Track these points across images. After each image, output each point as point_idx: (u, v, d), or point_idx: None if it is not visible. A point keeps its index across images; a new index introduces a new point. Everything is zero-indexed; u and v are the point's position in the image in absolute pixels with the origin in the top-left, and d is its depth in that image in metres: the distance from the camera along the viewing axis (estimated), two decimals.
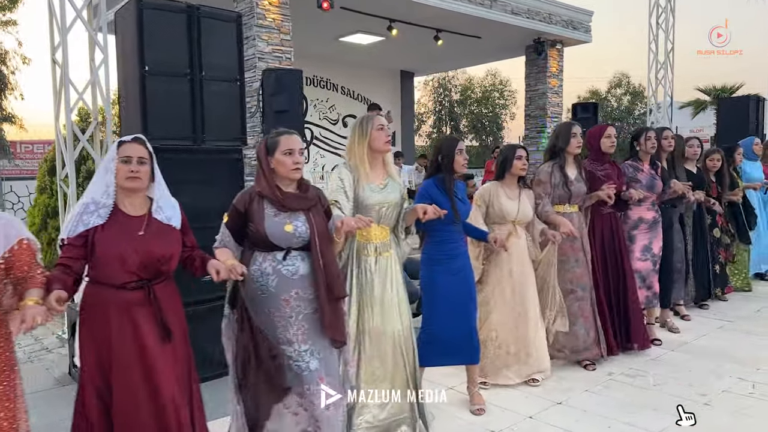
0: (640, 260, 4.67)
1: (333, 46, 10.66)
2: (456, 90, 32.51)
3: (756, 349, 4.57)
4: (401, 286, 3.12)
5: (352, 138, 3.05)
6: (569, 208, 4.17)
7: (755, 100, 11.06)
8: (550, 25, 10.36)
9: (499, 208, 3.82)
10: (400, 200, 3.12)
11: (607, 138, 4.36)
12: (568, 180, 4.12)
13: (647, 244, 4.69)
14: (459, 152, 3.41)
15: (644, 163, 4.69)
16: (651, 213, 4.72)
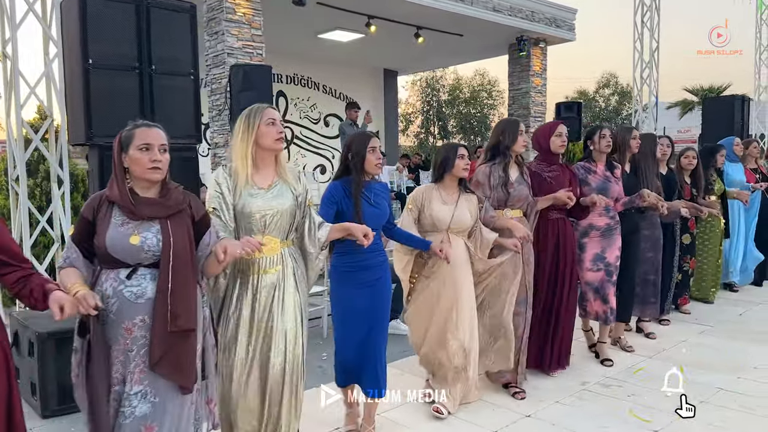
0: (591, 271, 4.21)
1: (312, 43, 10.45)
2: (444, 90, 32.33)
3: (736, 356, 4.40)
4: (292, 309, 2.63)
5: (236, 133, 2.59)
6: (509, 212, 3.72)
7: (740, 99, 10.96)
8: (532, 22, 10.20)
9: (430, 214, 3.41)
10: (293, 207, 2.63)
11: (558, 137, 3.89)
12: (508, 181, 3.68)
13: (599, 252, 4.20)
14: (371, 150, 3.01)
15: (598, 164, 4.23)
16: (604, 219, 4.19)
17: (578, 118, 10.83)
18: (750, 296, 6.22)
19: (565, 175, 3.98)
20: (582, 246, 4.21)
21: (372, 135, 3.11)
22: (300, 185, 2.70)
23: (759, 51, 14.96)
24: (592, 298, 4.27)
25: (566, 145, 3.97)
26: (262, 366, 2.56)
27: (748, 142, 6.63)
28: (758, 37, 14.97)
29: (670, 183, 5.06)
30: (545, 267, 3.91)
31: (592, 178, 4.18)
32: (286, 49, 10.97)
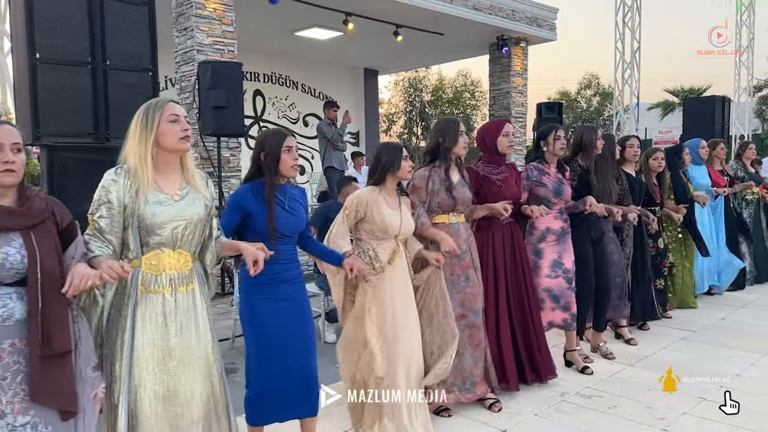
0: (550, 277, 3.99)
1: (290, 41, 10.24)
2: (427, 90, 32.22)
3: (719, 364, 4.27)
4: (208, 331, 2.34)
5: (132, 133, 2.23)
6: (455, 217, 3.45)
7: (721, 100, 10.92)
8: (513, 21, 10.07)
9: (382, 220, 3.07)
10: (205, 216, 2.32)
11: (505, 137, 3.66)
12: (451, 185, 3.40)
13: (557, 258, 3.99)
14: (287, 150, 2.70)
15: (551, 166, 4.03)
16: (559, 222, 4.02)
17: (559, 119, 10.73)
18: (732, 300, 6.11)
19: (513, 176, 3.80)
20: (539, 252, 4.00)
21: (288, 134, 2.81)
22: (208, 191, 2.38)
23: (739, 52, 15.03)
24: (549, 306, 4.03)
25: (513, 145, 3.83)
26: (181, 398, 2.24)
27: (715, 143, 6.46)
28: (738, 38, 15.04)
29: (639, 184, 4.92)
30: (506, 275, 3.72)
31: (546, 180, 3.99)
32: (262, 47, 10.76)
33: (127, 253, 2.21)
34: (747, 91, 15.18)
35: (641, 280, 4.97)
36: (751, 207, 6.74)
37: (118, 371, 2.15)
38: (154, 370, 2.17)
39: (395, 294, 3.12)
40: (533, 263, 3.99)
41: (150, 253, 2.20)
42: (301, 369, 2.75)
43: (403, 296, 3.17)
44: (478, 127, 4.01)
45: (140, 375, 2.16)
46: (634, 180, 4.89)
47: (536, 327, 3.83)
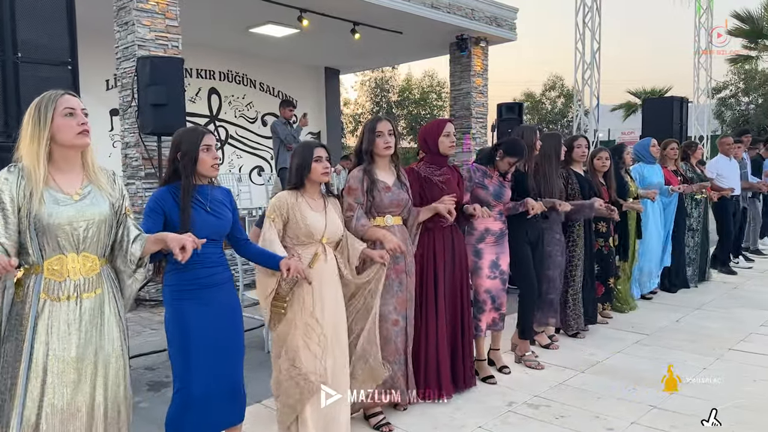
0: (490, 278, 3.98)
1: (245, 38, 9.96)
2: (394, 91, 32.10)
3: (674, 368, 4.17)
4: (117, 339, 2.21)
5: (24, 129, 2.08)
6: (390, 219, 3.35)
7: (679, 101, 10.99)
8: (473, 21, 9.96)
9: (305, 223, 2.94)
10: (110, 216, 2.18)
11: (446, 137, 3.58)
12: (377, 186, 3.30)
13: (494, 259, 3.98)
14: (206, 149, 2.55)
15: (495, 170, 4.01)
16: (498, 224, 4.00)
17: (519, 120, 10.66)
18: (687, 301, 6.06)
19: (455, 177, 3.71)
20: (478, 252, 3.97)
21: (207, 131, 2.63)
22: (116, 189, 2.24)
23: (697, 54, 15.22)
24: (489, 307, 4.03)
25: (455, 146, 3.69)
26: (81, 412, 2.09)
27: (667, 143, 6.46)
28: (696, 40, 15.23)
29: (589, 185, 4.87)
30: (444, 279, 3.62)
31: (488, 182, 3.97)
32: (217, 43, 10.47)
33: (27, 259, 2.06)
34: (706, 92, 15.37)
35: (588, 282, 4.94)
36: (700, 207, 6.76)
37: (12, 385, 2.02)
38: (53, 384, 2.04)
39: (324, 299, 2.98)
40: (473, 264, 3.95)
41: (52, 257, 2.06)
42: (228, 377, 2.65)
43: (332, 301, 3.02)
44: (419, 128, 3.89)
45: (38, 388, 2.03)
46: (584, 179, 4.85)
47: (465, 335, 3.76)
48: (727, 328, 5.13)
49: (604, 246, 5.22)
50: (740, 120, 24.58)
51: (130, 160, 6.14)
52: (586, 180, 4.87)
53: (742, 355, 4.42)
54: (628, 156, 5.67)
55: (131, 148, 6.09)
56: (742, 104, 25.39)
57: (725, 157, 7.49)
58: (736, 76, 25.02)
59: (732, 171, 7.46)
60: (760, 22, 18.74)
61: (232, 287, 2.73)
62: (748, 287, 6.69)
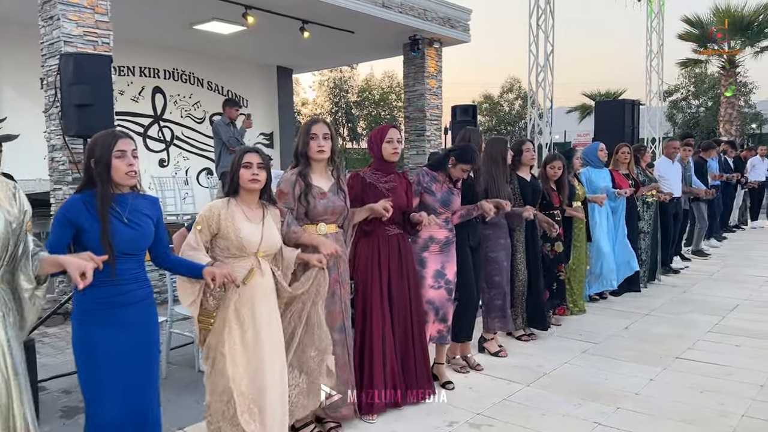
0: (433, 288, 3.84)
1: (190, 35, 9.58)
2: (353, 91, 31.86)
3: (619, 381, 4.05)
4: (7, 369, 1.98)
5: None
6: (324, 228, 3.16)
7: (630, 104, 11.04)
8: (425, 21, 9.79)
9: (237, 236, 2.71)
10: (6, 233, 1.98)
11: (389, 143, 3.47)
12: (311, 192, 3.10)
13: (439, 268, 3.84)
14: (120, 155, 2.32)
15: (445, 176, 3.89)
16: (444, 232, 3.87)
17: (473, 121, 10.57)
18: (637, 306, 5.99)
19: (402, 185, 3.60)
20: (423, 261, 3.83)
21: (122, 135, 2.41)
22: (15, 206, 2.02)
23: (649, 57, 15.41)
24: (432, 318, 3.86)
25: (398, 152, 3.52)
26: None
27: (618, 147, 6.44)
28: (648, 43, 15.41)
29: (534, 190, 4.77)
30: (390, 287, 3.50)
31: (437, 188, 3.85)
32: (160, 41, 10.08)
33: None
34: (658, 95, 15.57)
35: (532, 287, 4.82)
36: (651, 210, 6.72)
37: None
38: None
39: (258, 317, 2.76)
40: (418, 273, 3.79)
41: None
42: (139, 405, 2.41)
43: (268, 320, 2.80)
44: None
45: None
46: (528, 184, 4.72)
47: (417, 345, 3.63)
48: (675, 334, 5.06)
49: (550, 251, 5.16)
50: (691, 122, 25.18)
51: (57, 163, 5.75)
52: (531, 185, 4.76)
53: (689, 365, 4.33)
54: (577, 161, 5.62)
55: (57, 151, 5.70)
56: (693, 107, 26.00)
57: (668, 160, 7.50)
58: (686, 79, 25.63)
59: (674, 173, 7.49)
60: (709, 26, 19.14)
61: (150, 305, 2.49)
62: (697, 291, 6.67)
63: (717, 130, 19.96)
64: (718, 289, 6.68)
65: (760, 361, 4.34)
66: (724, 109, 19.33)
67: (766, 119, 25.79)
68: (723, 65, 19.37)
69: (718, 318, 5.51)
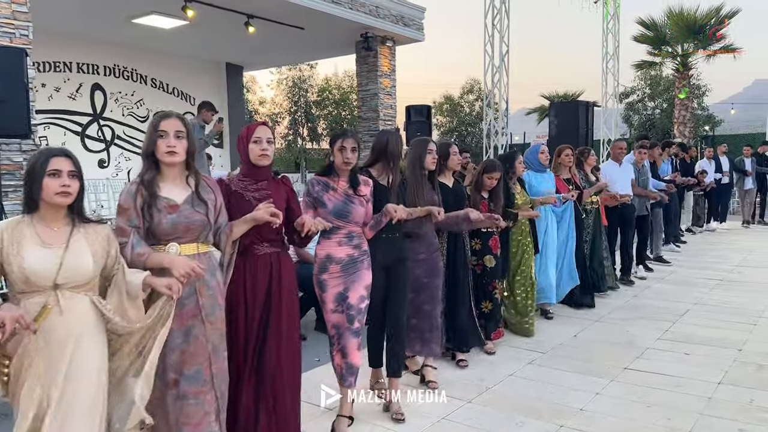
0: (336, 312, 3.27)
1: (131, 29, 9.12)
2: (313, 90, 31.44)
3: (564, 394, 3.84)
4: None
5: None
6: (176, 248, 2.50)
7: (585, 105, 10.98)
8: (377, 19, 9.54)
9: (19, 266, 2.11)
10: None
11: (256, 144, 2.83)
12: (156, 204, 2.46)
13: (342, 291, 3.26)
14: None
15: (340, 180, 3.28)
16: (346, 249, 3.28)
17: (428, 122, 10.37)
18: (586, 313, 5.82)
19: (280, 193, 2.93)
20: (322, 284, 3.30)
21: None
22: None
23: (605, 59, 15.47)
24: (336, 345, 3.32)
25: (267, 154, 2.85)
26: None
27: (560, 149, 6.03)
28: (604, 45, 15.47)
29: (456, 197, 4.27)
30: (262, 319, 2.84)
31: (329, 197, 3.25)
32: (99, 35, 9.59)
33: None
34: (614, 96, 15.65)
35: (458, 304, 4.33)
36: (590, 216, 6.33)
37: None
38: None
39: (62, 368, 2.13)
40: (319, 296, 3.33)
41: None
42: None
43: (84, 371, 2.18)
44: None
45: None
46: (449, 191, 4.24)
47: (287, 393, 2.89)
48: (624, 343, 4.90)
49: (477, 266, 4.61)
50: (647, 124, 25.55)
51: None
52: (453, 192, 4.28)
53: (636, 376, 4.15)
54: (519, 165, 5.17)
55: None
56: (649, 109, 26.41)
57: (614, 163, 7.07)
58: (642, 81, 26.02)
59: (622, 177, 6.98)
60: (663, 29, 19.38)
61: None
62: (648, 295, 6.55)
63: (672, 132, 20.24)
64: (669, 294, 6.57)
65: (708, 371, 4.19)
66: (678, 111, 19.59)
67: (719, 121, 26.38)
68: (677, 68, 19.63)
69: (669, 324, 5.38)
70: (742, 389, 3.86)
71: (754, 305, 5.98)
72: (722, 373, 4.14)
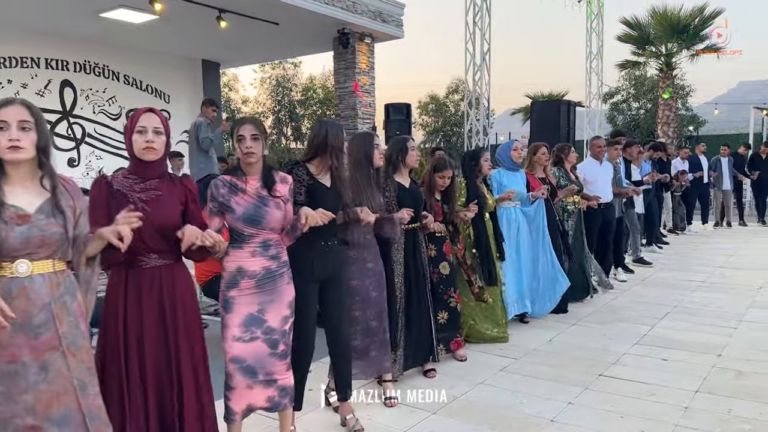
0: (242, 341, 2.71)
1: (99, 24, 8.84)
2: (297, 90, 31.17)
3: (537, 404, 3.64)
4: None
5: None
6: (26, 267, 2.01)
7: (566, 104, 10.86)
8: (355, 14, 9.32)
9: None
10: None
11: (140, 134, 2.38)
12: (2, 214, 1.98)
13: (254, 312, 2.73)
14: None
15: (249, 180, 2.74)
16: (261, 261, 2.75)
17: (407, 121, 10.18)
18: (563, 315, 5.64)
19: (174, 194, 2.48)
20: (228, 303, 2.72)
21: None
22: None
23: (589, 59, 15.35)
24: (244, 384, 2.75)
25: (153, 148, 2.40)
26: None
27: (536, 147, 5.61)
28: (588, 45, 15.36)
29: (415, 198, 3.90)
30: (147, 345, 2.39)
31: (237, 200, 2.70)
32: (68, 31, 9.31)
33: None
34: (598, 96, 15.55)
35: (415, 316, 3.96)
36: (572, 218, 6.00)
37: None
38: None
39: None
40: (222, 319, 2.76)
41: None
42: None
43: None
44: None
45: None
46: (407, 192, 3.86)
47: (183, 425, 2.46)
48: (600, 347, 4.72)
49: (434, 273, 4.19)
50: (631, 124, 25.52)
51: None
52: (411, 193, 3.90)
53: (611, 383, 3.97)
54: (486, 163, 4.77)
55: None
56: (633, 109, 26.40)
57: (595, 161, 6.65)
58: (627, 81, 25.99)
59: (603, 176, 6.60)
60: (647, 28, 19.33)
61: None
62: (627, 297, 6.38)
63: (656, 132, 20.20)
64: (649, 296, 6.41)
65: (686, 378, 4.02)
66: (662, 111, 19.55)
67: (703, 121, 26.41)
68: (660, 68, 19.59)
69: (647, 327, 5.21)
70: (720, 398, 3.69)
71: (735, 308, 5.83)
72: (700, 381, 3.96)
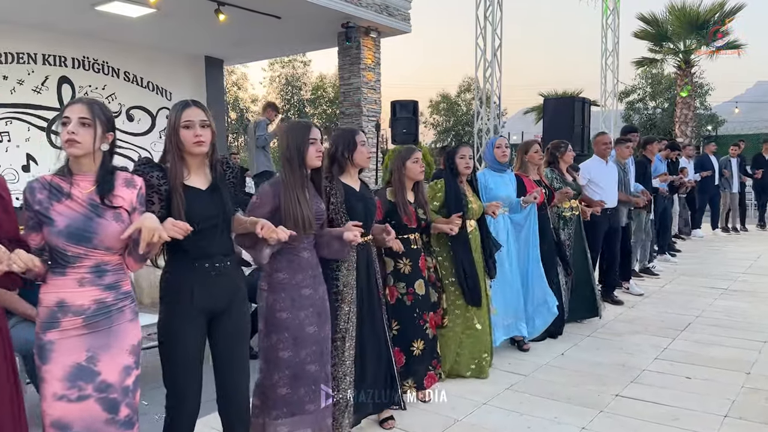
0: (66, 399, 2.00)
1: (96, 18, 8.54)
2: (307, 88, 30.90)
3: (544, 429, 3.28)
4: None
5: None
6: None
7: (581, 101, 10.41)
8: (359, 8, 8.96)
9: None
10: None
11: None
12: None
13: (82, 362, 2.04)
14: None
15: (78, 181, 2.09)
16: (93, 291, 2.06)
17: (414, 118, 9.82)
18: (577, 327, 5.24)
19: None
20: (42, 350, 2.02)
21: None
22: None
23: (604, 56, 14.90)
24: None
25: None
26: None
27: (527, 145, 4.87)
28: (603, 41, 14.90)
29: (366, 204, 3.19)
30: None
31: (60, 208, 2.04)
32: (65, 26, 9.04)
33: None
34: (613, 94, 15.09)
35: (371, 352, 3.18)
36: (570, 226, 5.21)
37: None
38: None
39: None
40: (38, 371, 2.05)
41: None
42: None
43: None
44: None
45: None
46: (357, 196, 3.14)
47: None
48: (618, 363, 4.33)
49: (407, 295, 3.53)
50: (647, 124, 24.93)
51: None
52: (362, 197, 3.16)
53: (629, 406, 3.58)
54: (461, 160, 3.99)
55: None
56: (650, 108, 25.80)
57: (600, 161, 5.82)
58: (643, 80, 25.41)
59: (609, 177, 5.83)
60: (665, 25, 18.79)
61: None
62: (644, 307, 5.96)
63: (673, 132, 19.66)
64: (668, 305, 5.99)
65: (713, 400, 3.62)
66: (680, 110, 19.02)
67: (722, 121, 25.74)
68: (678, 65, 19.05)
69: (668, 340, 4.81)
70: (752, 425, 3.29)
71: (763, 318, 5.40)
72: (729, 403, 3.57)
